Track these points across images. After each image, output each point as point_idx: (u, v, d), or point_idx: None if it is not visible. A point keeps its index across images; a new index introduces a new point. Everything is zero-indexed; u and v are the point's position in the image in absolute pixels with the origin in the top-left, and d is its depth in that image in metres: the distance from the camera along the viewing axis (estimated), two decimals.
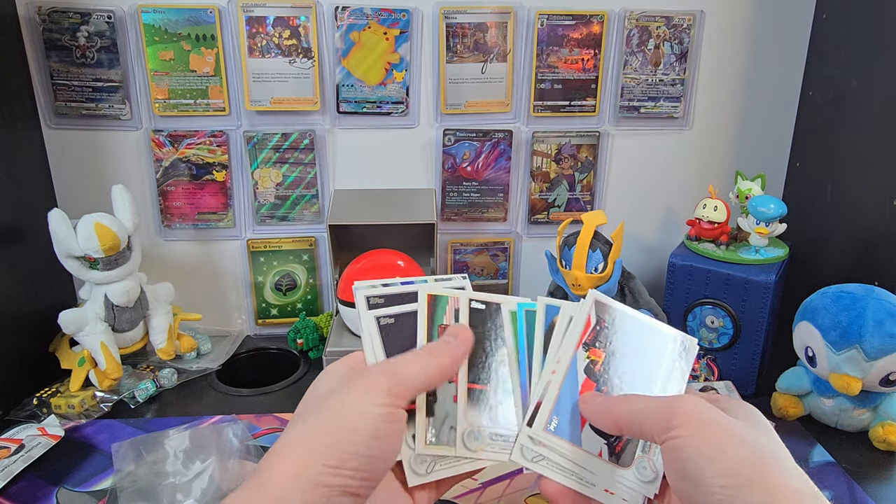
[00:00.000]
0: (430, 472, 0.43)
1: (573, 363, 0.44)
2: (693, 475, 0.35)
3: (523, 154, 1.00)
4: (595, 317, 0.46)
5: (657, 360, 0.46)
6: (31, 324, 0.88)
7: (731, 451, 0.35)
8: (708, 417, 0.37)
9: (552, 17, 0.93)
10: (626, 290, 0.91)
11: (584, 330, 0.45)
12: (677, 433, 0.36)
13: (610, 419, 0.41)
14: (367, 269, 0.85)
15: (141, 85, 0.92)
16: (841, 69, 0.90)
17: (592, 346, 0.45)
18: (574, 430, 0.43)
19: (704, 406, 0.38)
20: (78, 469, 0.72)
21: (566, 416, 0.44)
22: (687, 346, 0.47)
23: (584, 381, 0.44)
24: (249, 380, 0.91)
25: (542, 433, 0.43)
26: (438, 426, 0.43)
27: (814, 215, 0.96)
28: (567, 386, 0.44)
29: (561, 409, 0.44)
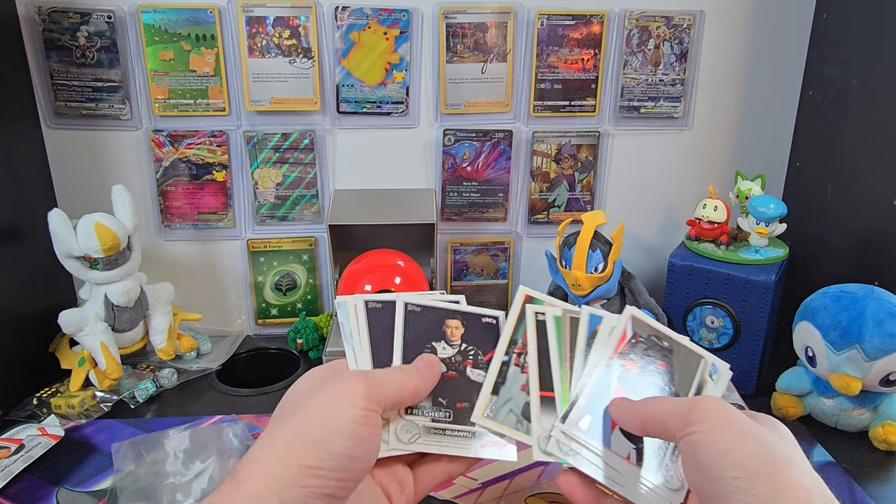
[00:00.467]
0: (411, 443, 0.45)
1: (608, 370, 0.47)
2: (707, 468, 0.36)
3: (523, 154, 1.00)
4: (631, 331, 0.49)
5: (687, 380, 0.48)
6: (31, 324, 0.88)
7: (744, 447, 0.36)
8: (726, 416, 0.38)
9: (552, 17, 0.93)
10: (626, 290, 0.91)
11: (620, 340, 0.49)
12: (695, 429, 0.38)
13: (637, 419, 0.43)
14: (367, 269, 0.85)
15: (141, 85, 0.92)
16: (841, 69, 0.90)
17: (627, 356, 0.48)
18: (605, 432, 0.46)
19: (725, 406, 0.39)
20: (78, 469, 0.71)
21: (598, 418, 0.46)
22: (720, 369, 0.49)
23: (617, 387, 0.47)
24: (249, 380, 0.91)
25: (574, 430, 0.45)
26: (499, 405, 0.47)
27: (814, 215, 0.96)
28: (601, 390, 0.47)
29: (594, 411, 0.46)
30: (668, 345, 0.49)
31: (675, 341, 0.50)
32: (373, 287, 0.82)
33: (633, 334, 0.49)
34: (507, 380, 0.48)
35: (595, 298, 0.89)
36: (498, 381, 0.48)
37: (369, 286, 0.82)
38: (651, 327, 0.50)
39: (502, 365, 0.49)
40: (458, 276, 1.05)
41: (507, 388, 0.48)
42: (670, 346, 0.49)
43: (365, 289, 0.82)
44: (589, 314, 0.50)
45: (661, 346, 0.49)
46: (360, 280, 0.84)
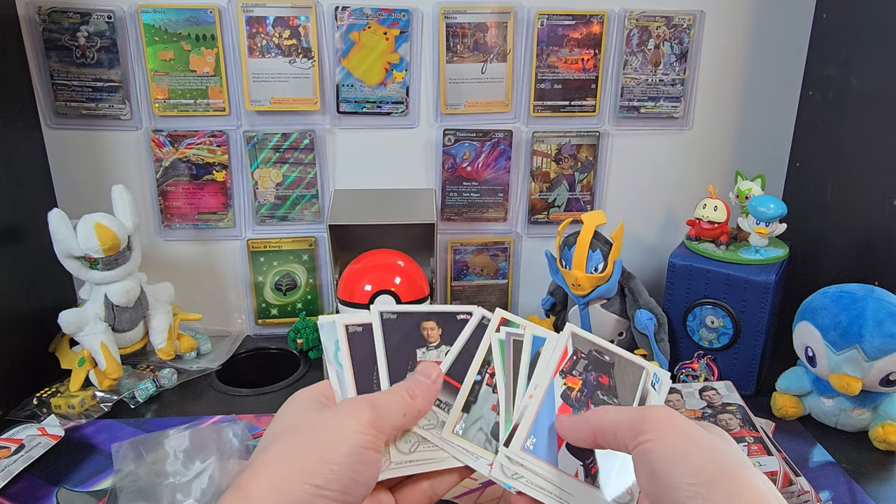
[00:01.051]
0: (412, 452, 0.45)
1: (551, 388, 0.48)
2: (662, 476, 0.37)
3: (523, 154, 1.00)
4: (572, 347, 0.50)
5: (630, 391, 0.49)
6: (31, 324, 0.88)
7: (697, 453, 0.37)
8: (676, 423, 0.39)
9: (552, 17, 0.93)
10: (626, 290, 0.91)
11: (561, 358, 0.49)
12: (647, 437, 0.38)
13: (586, 431, 0.43)
14: (367, 269, 0.85)
15: (141, 85, 0.92)
16: (841, 69, 0.90)
17: (569, 373, 0.49)
18: (551, 451, 0.45)
19: (675, 414, 0.40)
20: (78, 469, 0.71)
21: (543, 437, 0.46)
22: (661, 378, 0.50)
23: (561, 405, 0.47)
24: (249, 380, 0.91)
25: (518, 453, 0.45)
26: (469, 423, 0.47)
27: (814, 215, 0.96)
28: (545, 409, 0.47)
29: (538, 431, 0.46)
30: (609, 358, 0.50)
31: (615, 354, 0.50)
32: (373, 287, 0.82)
33: (574, 351, 0.50)
34: (479, 399, 0.49)
35: (595, 298, 0.89)
36: (469, 400, 0.48)
37: (369, 286, 0.82)
38: (591, 342, 0.51)
39: (474, 384, 0.49)
40: (458, 276, 1.05)
41: (478, 407, 0.48)
42: (611, 359, 0.50)
43: (365, 289, 0.82)
44: (532, 336, 0.51)
45: (602, 361, 0.50)
46: (360, 280, 0.84)
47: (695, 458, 0.36)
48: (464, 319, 0.52)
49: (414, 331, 0.50)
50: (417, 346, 0.50)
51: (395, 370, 0.49)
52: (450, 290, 1.06)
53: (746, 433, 0.70)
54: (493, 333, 0.51)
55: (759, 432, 0.70)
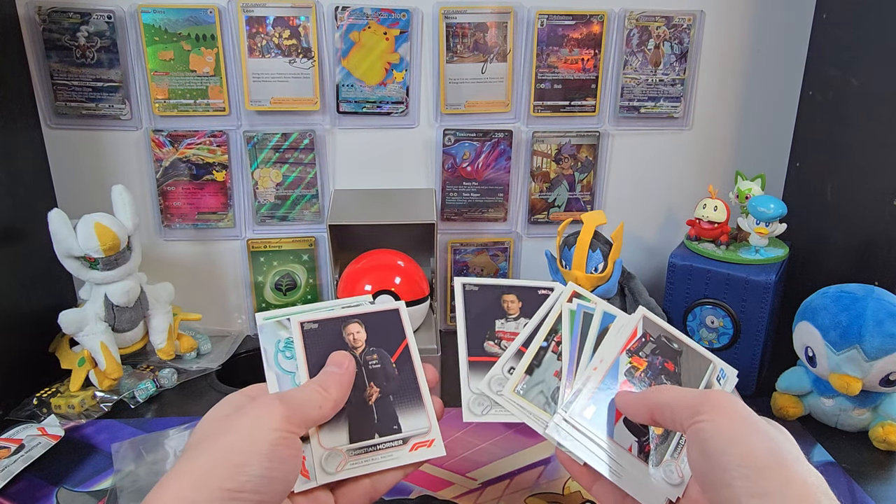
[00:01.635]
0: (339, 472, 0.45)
1: (616, 364, 0.49)
2: (713, 454, 0.37)
3: (523, 154, 1.00)
4: (642, 329, 0.51)
5: (695, 381, 0.49)
6: (31, 324, 0.88)
7: (752, 439, 0.37)
8: (736, 409, 0.39)
9: (552, 17, 0.93)
10: (626, 290, 0.91)
11: (629, 338, 0.51)
12: (704, 417, 0.39)
13: (644, 406, 0.44)
14: (367, 269, 0.85)
15: (141, 85, 0.92)
16: (841, 69, 0.90)
17: (636, 353, 0.50)
18: (609, 423, 0.47)
19: (735, 400, 0.40)
20: (78, 469, 0.71)
21: (603, 409, 0.47)
22: (727, 374, 0.51)
23: (623, 381, 0.49)
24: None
25: (577, 417, 0.47)
26: (531, 385, 0.50)
27: (814, 215, 0.96)
28: (607, 382, 0.48)
29: (598, 402, 0.48)
30: (677, 346, 0.50)
31: (685, 344, 0.51)
32: (373, 287, 0.82)
33: (644, 333, 0.51)
34: (543, 364, 0.51)
35: None
36: (533, 364, 0.51)
37: (369, 286, 0.82)
38: (662, 328, 0.51)
39: (539, 349, 0.51)
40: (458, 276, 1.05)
41: (542, 371, 0.51)
42: (680, 347, 0.50)
43: (365, 289, 0.82)
44: (603, 311, 0.52)
45: (670, 348, 0.50)
46: (360, 280, 0.84)
47: (748, 442, 0.37)
48: (544, 294, 0.54)
49: (495, 303, 0.53)
50: (497, 317, 0.53)
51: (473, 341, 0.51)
52: (450, 290, 1.06)
53: None
54: (564, 304, 0.53)
55: None
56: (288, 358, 0.49)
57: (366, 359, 0.49)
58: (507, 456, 0.72)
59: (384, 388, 0.49)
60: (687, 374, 0.49)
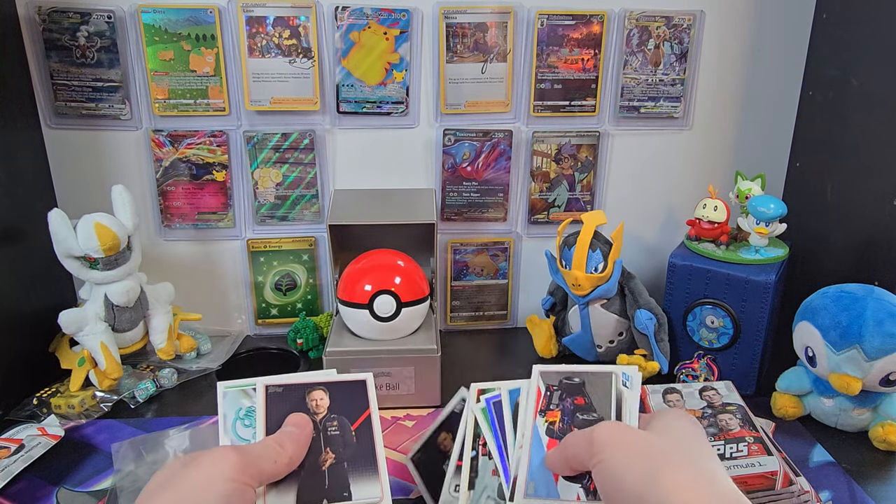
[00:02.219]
0: None
1: (535, 430, 0.51)
2: (610, 489, 0.40)
3: (523, 154, 1.00)
4: (544, 385, 0.53)
5: (605, 400, 0.51)
6: (31, 324, 0.88)
7: (634, 467, 0.40)
8: (620, 438, 0.42)
9: (552, 17, 0.93)
10: (626, 290, 0.91)
11: (536, 399, 0.52)
12: (599, 458, 0.41)
13: (561, 462, 0.46)
14: (367, 269, 0.85)
15: (141, 85, 0.92)
16: (841, 69, 0.90)
17: (547, 410, 0.51)
18: (550, 487, 0.48)
19: (617, 430, 0.43)
20: (78, 469, 0.72)
21: (541, 478, 0.48)
22: (630, 375, 0.52)
23: (549, 441, 0.50)
24: None
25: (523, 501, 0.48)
26: (478, 497, 0.51)
27: (814, 215, 0.96)
28: (535, 451, 0.50)
29: (534, 474, 0.49)
30: (578, 380, 0.52)
31: (583, 373, 0.53)
32: (373, 287, 0.82)
33: (546, 387, 0.52)
34: (479, 471, 0.52)
35: (595, 298, 0.89)
36: (472, 476, 0.52)
37: (369, 286, 0.82)
38: (559, 372, 0.53)
39: (472, 461, 0.52)
40: (458, 276, 1.05)
41: (481, 479, 0.52)
42: (580, 379, 0.52)
43: (365, 289, 0.82)
44: (508, 390, 0.54)
45: (572, 385, 0.52)
46: (360, 280, 0.84)
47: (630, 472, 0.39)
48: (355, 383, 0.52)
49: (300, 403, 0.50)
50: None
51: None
52: (450, 290, 1.06)
53: (746, 433, 0.70)
54: (474, 406, 0.54)
55: (759, 432, 0.70)
56: (246, 426, 0.49)
57: (325, 425, 0.49)
58: None
59: (340, 455, 0.48)
60: (597, 399, 0.51)
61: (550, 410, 0.51)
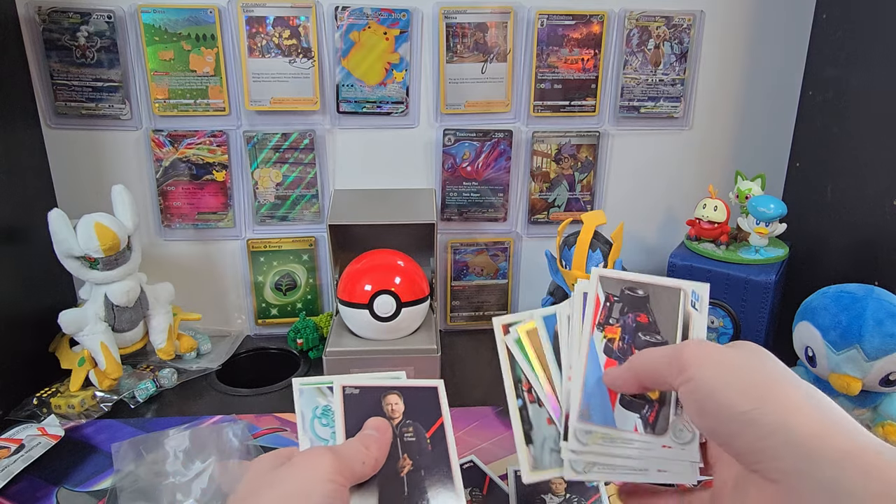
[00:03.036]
0: None
1: (592, 347, 0.45)
2: (712, 411, 0.36)
3: (523, 154, 1.00)
4: (603, 294, 0.46)
5: (671, 322, 0.46)
6: (31, 324, 0.88)
7: (739, 378, 0.36)
8: (712, 356, 0.38)
9: (552, 17, 0.93)
10: None
11: (595, 309, 0.46)
12: (689, 374, 0.38)
13: (631, 378, 0.42)
14: (367, 269, 0.85)
15: (141, 85, 0.92)
16: (841, 69, 0.90)
17: (606, 324, 0.45)
18: (606, 413, 0.43)
19: (708, 345, 0.39)
20: (78, 469, 0.72)
21: (596, 401, 0.44)
22: (699, 293, 0.46)
23: (606, 361, 0.45)
24: (249, 380, 0.91)
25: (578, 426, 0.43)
26: (539, 452, 0.45)
27: (814, 215, 0.96)
28: (591, 370, 0.44)
29: (590, 395, 0.44)
30: (642, 292, 0.47)
31: (648, 285, 0.47)
32: (373, 287, 0.82)
33: (606, 297, 0.46)
34: (532, 422, 0.46)
35: None
36: (525, 429, 0.46)
37: (369, 286, 0.82)
38: (621, 280, 0.47)
39: (520, 411, 0.46)
40: (458, 276, 1.05)
41: (537, 431, 0.46)
42: (644, 292, 0.47)
43: (365, 289, 0.82)
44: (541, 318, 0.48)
45: (636, 297, 0.47)
46: (360, 280, 0.84)
47: (737, 385, 0.36)
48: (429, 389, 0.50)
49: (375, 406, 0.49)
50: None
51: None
52: (450, 290, 1.06)
53: None
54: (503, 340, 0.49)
55: None
56: (324, 425, 0.48)
57: (402, 430, 0.48)
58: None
59: (417, 462, 0.47)
60: (662, 317, 0.46)
61: (610, 325, 0.45)
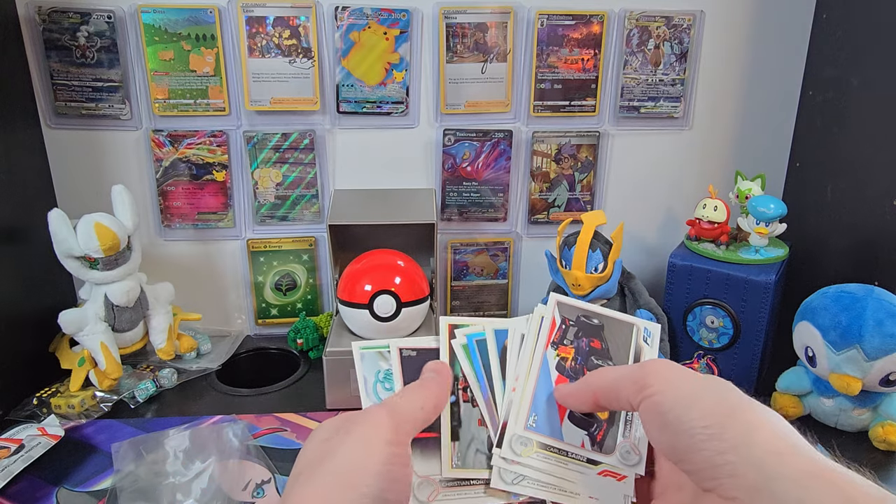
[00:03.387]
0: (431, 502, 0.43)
1: (545, 362, 0.46)
2: (675, 424, 0.36)
3: (523, 154, 1.00)
4: (560, 317, 0.48)
5: (623, 351, 0.47)
6: (31, 324, 0.88)
7: (704, 396, 0.36)
8: (678, 374, 0.38)
9: (552, 17, 0.93)
10: (626, 290, 0.91)
11: (550, 329, 0.47)
12: (653, 390, 0.37)
13: (587, 394, 0.42)
14: (367, 269, 0.85)
15: (141, 85, 0.92)
16: (841, 69, 0.90)
17: (560, 344, 0.47)
18: (553, 426, 0.44)
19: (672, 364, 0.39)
20: (78, 469, 0.72)
21: (544, 414, 0.44)
22: (651, 331, 0.49)
23: (557, 377, 0.46)
24: (249, 380, 0.91)
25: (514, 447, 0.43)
26: (464, 450, 0.44)
27: (814, 215, 0.96)
28: (542, 384, 0.45)
29: (539, 409, 0.44)
30: (597, 321, 0.49)
31: (603, 316, 0.49)
32: (373, 287, 0.82)
33: (562, 320, 0.48)
34: (462, 420, 0.45)
35: (595, 298, 0.89)
36: (454, 425, 0.45)
37: (369, 286, 0.82)
38: (577, 307, 0.49)
39: (451, 406, 0.46)
40: (458, 276, 1.05)
41: (466, 430, 0.45)
42: (600, 322, 0.49)
43: (365, 289, 0.82)
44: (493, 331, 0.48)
45: (591, 325, 0.48)
46: (360, 280, 0.84)
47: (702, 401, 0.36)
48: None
49: None
50: None
51: None
52: (450, 290, 1.06)
53: None
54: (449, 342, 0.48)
55: None
56: (387, 389, 0.47)
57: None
58: None
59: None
60: (615, 346, 0.47)
61: (564, 345, 0.47)
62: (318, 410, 0.83)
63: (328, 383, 0.83)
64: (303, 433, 0.78)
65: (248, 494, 0.68)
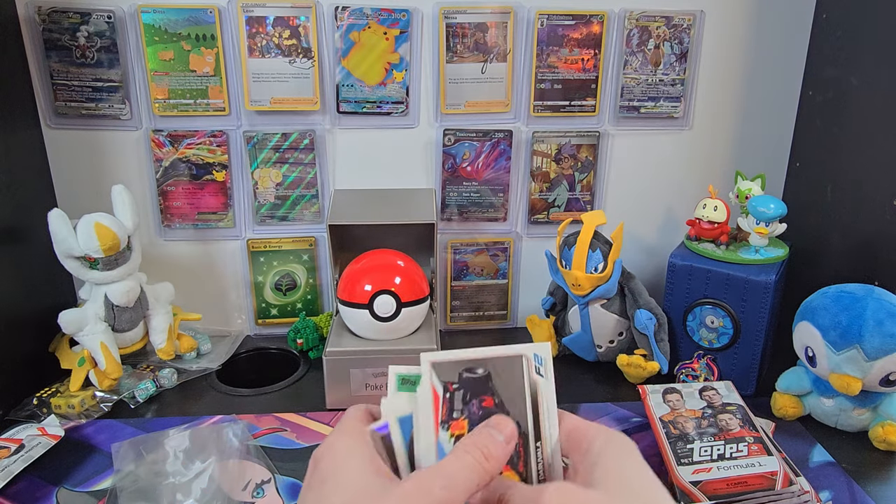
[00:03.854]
0: None
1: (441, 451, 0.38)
2: None
3: (523, 154, 1.00)
4: (440, 384, 0.39)
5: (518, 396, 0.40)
6: (31, 324, 0.88)
7: None
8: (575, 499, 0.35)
9: (552, 17, 0.93)
10: (626, 290, 0.91)
11: (435, 409, 0.39)
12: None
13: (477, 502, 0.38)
14: (367, 269, 0.85)
15: (141, 85, 0.92)
16: (841, 69, 0.90)
17: (450, 420, 0.39)
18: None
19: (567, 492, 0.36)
20: (78, 469, 0.72)
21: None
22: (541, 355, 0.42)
23: None
24: (249, 380, 0.91)
25: None
26: None
27: (814, 215, 0.96)
28: None
29: None
30: (482, 371, 0.41)
31: (487, 360, 0.41)
32: (373, 287, 0.82)
33: (444, 386, 0.39)
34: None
35: (595, 298, 0.89)
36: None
37: (369, 286, 0.82)
38: (455, 362, 0.40)
39: None
40: (458, 276, 1.05)
41: None
42: (485, 370, 0.41)
43: (365, 289, 0.82)
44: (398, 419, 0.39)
45: (476, 378, 0.40)
46: (360, 280, 0.84)
47: None
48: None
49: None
50: None
51: None
52: (450, 290, 1.06)
53: (746, 433, 0.70)
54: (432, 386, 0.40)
55: (759, 432, 0.70)
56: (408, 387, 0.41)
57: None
58: None
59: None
60: (508, 395, 0.40)
61: (455, 420, 0.39)
62: (318, 410, 0.83)
63: (328, 383, 0.83)
64: (303, 433, 0.79)
65: (248, 494, 0.68)
